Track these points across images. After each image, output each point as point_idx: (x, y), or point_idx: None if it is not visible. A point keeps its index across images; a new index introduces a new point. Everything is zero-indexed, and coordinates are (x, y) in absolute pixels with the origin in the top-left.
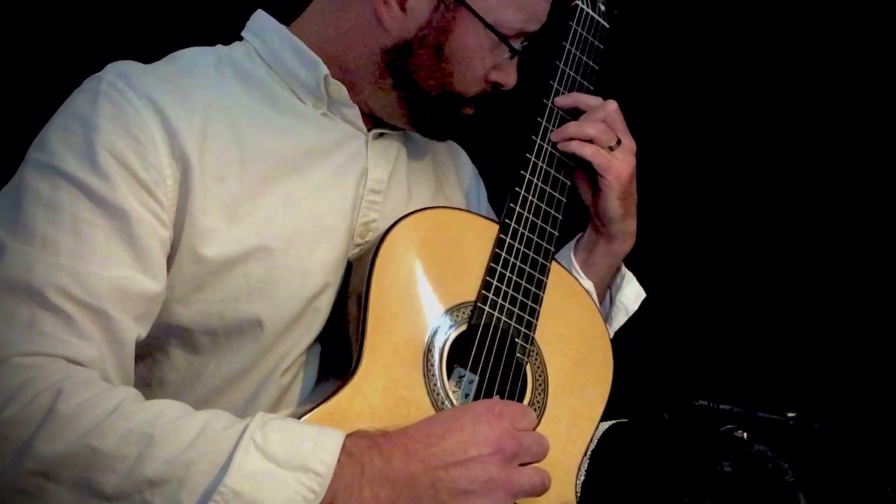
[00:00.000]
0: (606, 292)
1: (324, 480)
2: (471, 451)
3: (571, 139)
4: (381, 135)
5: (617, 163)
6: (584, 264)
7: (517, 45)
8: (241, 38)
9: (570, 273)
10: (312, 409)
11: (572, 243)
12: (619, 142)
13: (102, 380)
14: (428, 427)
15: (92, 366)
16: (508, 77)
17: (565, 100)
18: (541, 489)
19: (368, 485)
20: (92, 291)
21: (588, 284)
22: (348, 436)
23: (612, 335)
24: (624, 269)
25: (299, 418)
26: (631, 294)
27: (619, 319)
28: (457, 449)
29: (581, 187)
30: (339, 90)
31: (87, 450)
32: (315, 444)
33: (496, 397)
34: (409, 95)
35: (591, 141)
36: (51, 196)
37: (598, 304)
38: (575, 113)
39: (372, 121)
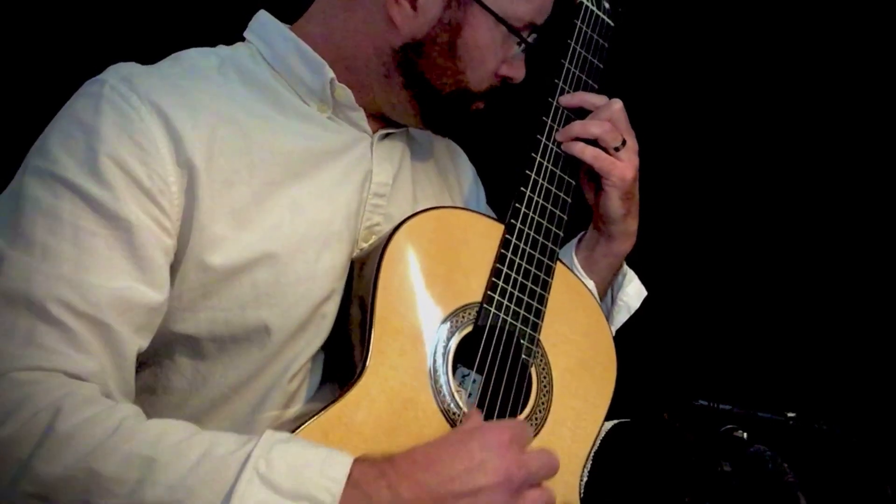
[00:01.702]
0: (608, 291)
1: None
2: (479, 481)
3: (576, 139)
4: (385, 136)
5: (620, 164)
6: (585, 263)
7: (528, 37)
8: (242, 39)
9: (575, 273)
10: (321, 410)
11: (574, 242)
12: (623, 142)
13: (103, 394)
14: (437, 453)
15: (92, 380)
16: (518, 70)
17: (571, 99)
18: None
19: None
20: (93, 303)
21: (590, 284)
22: (355, 462)
23: (613, 333)
24: (626, 268)
25: (306, 420)
26: (633, 292)
27: (621, 317)
28: (465, 478)
29: (585, 186)
30: (345, 94)
31: (86, 473)
32: (321, 472)
33: (505, 420)
34: (420, 93)
35: (595, 141)
36: (52, 204)
37: (600, 303)
38: (580, 112)
39: (380, 120)
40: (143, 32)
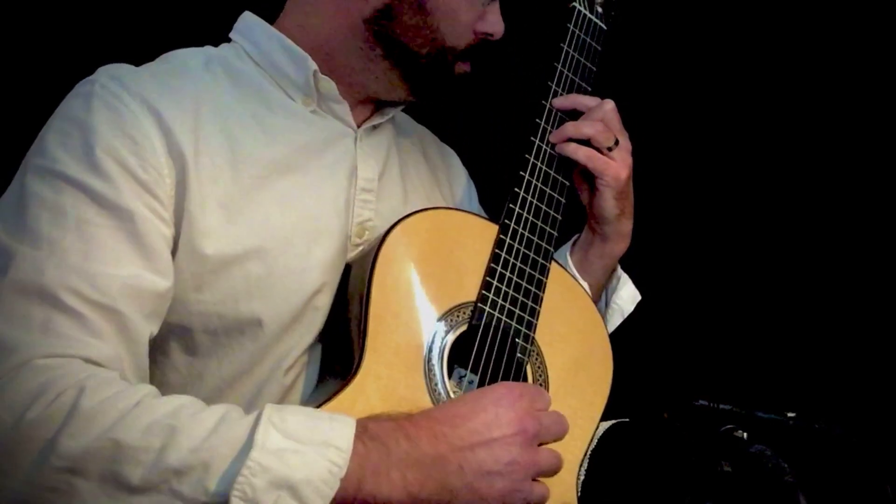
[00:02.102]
0: (602, 293)
1: (345, 454)
2: (494, 432)
3: (569, 140)
4: (373, 128)
5: (614, 164)
6: (579, 264)
7: None
8: (229, 41)
9: (570, 273)
10: (315, 408)
11: (568, 244)
12: (616, 142)
13: (121, 379)
14: (452, 409)
15: (110, 365)
16: (495, 25)
17: (563, 101)
18: (557, 469)
19: (396, 467)
20: (104, 291)
21: (584, 284)
22: (372, 419)
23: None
24: (619, 271)
25: None
26: (626, 296)
27: (615, 321)
28: (481, 430)
29: (579, 186)
30: (329, 86)
31: (111, 443)
32: (331, 423)
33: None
34: (401, 60)
35: (588, 141)
36: (54, 200)
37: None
38: (573, 114)
39: (368, 107)
40: (133, 36)
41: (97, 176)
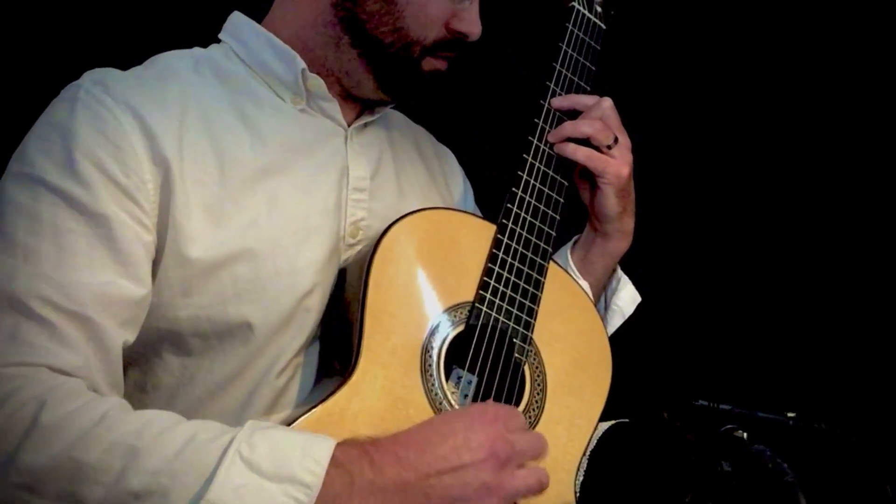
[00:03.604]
0: (601, 295)
1: (311, 491)
2: (464, 457)
3: (567, 139)
4: (364, 127)
5: (614, 162)
6: (580, 264)
7: None
8: (218, 41)
9: (568, 273)
10: (310, 409)
11: (569, 245)
12: (616, 140)
13: (89, 388)
14: (419, 433)
15: (77, 374)
16: (471, 26)
17: (562, 102)
18: (538, 489)
19: (358, 496)
20: (75, 299)
21: (584, 284)
22: (338, 445)
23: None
24: (619, 273)
25: (297, 419)
26: (627, 297)
27: (615, 322)
28: (449, 455)
29: (579, 186)
30: (318, 83)
31: (71, 462)
32: (303, 453)
33: (489, 401)
34: (368, 51)
35: (587, 140)
36: (31, 206)
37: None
38: (572, 114)
39: (356, 106)
40: (123, 37)
41: (76, 182)
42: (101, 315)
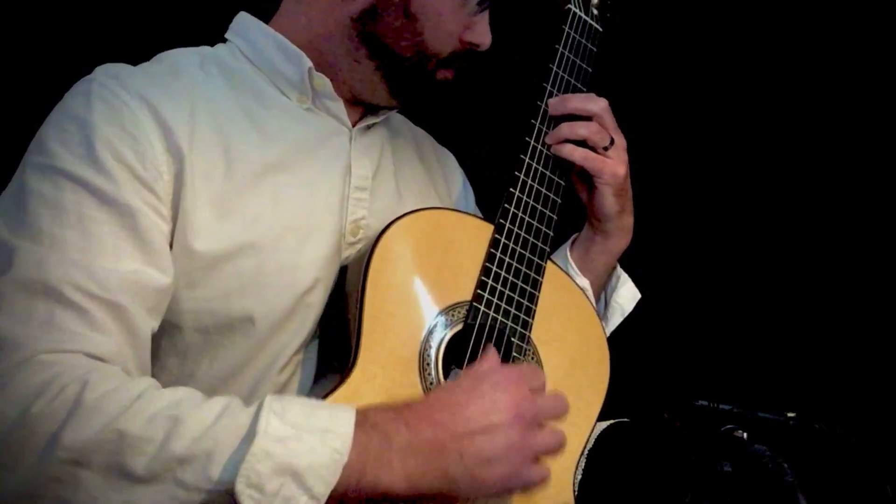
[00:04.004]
0: (601, 293)
1: (346, 441)
2: (493, 418)
3: (565, 141)
4: (367, 128)
5: (611, 162)
6: (580, 262)
7: None
8: (225, 41)
9: (566, 272)
10: None
11: (567, 244)
12: (612, 141)
13: (124, 373)
14: (450, 396)
15: (112, 360)
16: (482, 36)
17: (557, 103)
18: (557, 448)
19: (397, 455)
20: (106, 286)
21: (584, 283)
22: (373, 408)
23: (608, 336)
24: (619, 270)
25: None
26: (626, 294)
27: (615, 320)
28: (479, 417)
29: (577, 186)
30: (324, 83)
31: (115, 434)
32: (331, 411)
33: (511, 364)
34: (385, 64)
35: (584, 141)
36: (55, 196)
37: (594, 303)
38: (569, 114)
39: (360, 109)
40: (130, 36)
41: (97, 172)
42: (132, 302)
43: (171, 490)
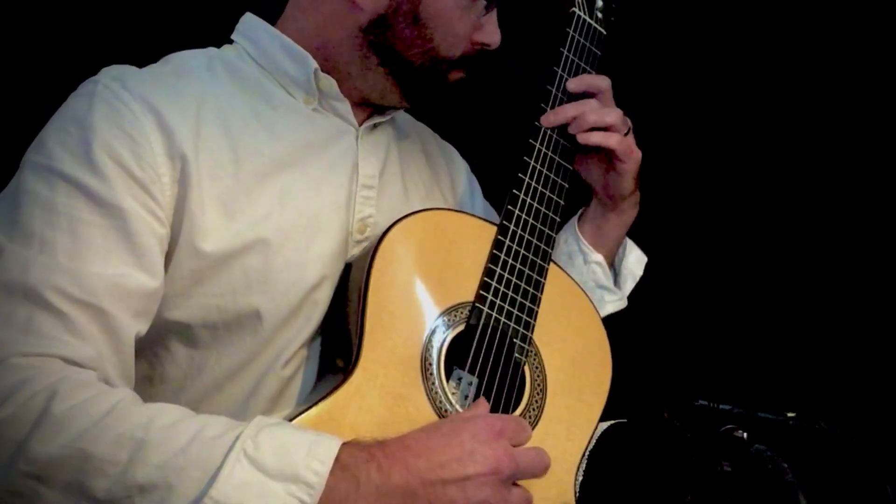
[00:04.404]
0: (612, 264)
1: (315, 491)
2: (469, 469)
3: (592, 129)
4: (373, 127)
5: (635, 147)
6: (593, 238)
7: None
8: (231, 42)
9: (568, 274)
10: (310, 407)
11: (574, 221)
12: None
13: (101, 379)
14: (427, 440)
15: (90, 365)
16: (492, 35)
17: (576, 82)
18: None
19: (364, 499)
20: (89, 290)
21: (598, 257)
22: (344, 446)
23: (625, 302)
24: (625, 238)
25: (296, 416)
26: (634, 260)
27: (628, 286)
28: (455, 466)
29: (588, 171)
30: (330, 84)
31: (79, 453)
32: (308, 453)
33: (500, 414)
34: (397, 69)
35: (606, 128)
36: (48, 197)
37: (595, 306)
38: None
39: (366, 109)
40: (136, 37)
41: (92, 173)
42: (115, 306)
43: None
